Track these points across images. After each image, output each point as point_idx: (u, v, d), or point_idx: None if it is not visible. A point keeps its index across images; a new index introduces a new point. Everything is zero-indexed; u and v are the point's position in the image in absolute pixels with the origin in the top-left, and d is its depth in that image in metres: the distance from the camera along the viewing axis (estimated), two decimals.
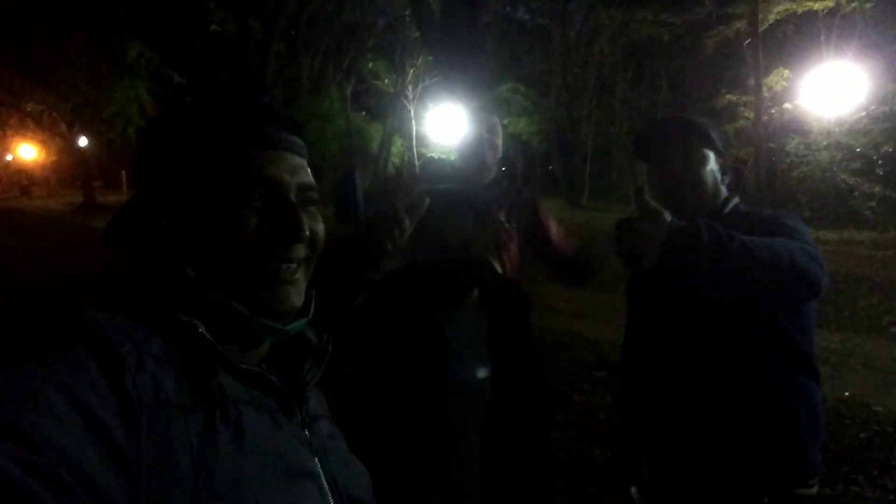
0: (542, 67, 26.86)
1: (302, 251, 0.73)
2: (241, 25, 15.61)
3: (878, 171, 13.72)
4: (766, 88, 15.82)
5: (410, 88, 24.63)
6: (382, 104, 27.22)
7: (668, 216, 1.26)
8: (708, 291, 1.39)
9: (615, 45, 24.10)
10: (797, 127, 15.09)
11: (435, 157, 23.09)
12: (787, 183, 15.24)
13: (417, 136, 24.03)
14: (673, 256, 1.24)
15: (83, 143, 29.42)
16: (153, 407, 0.55)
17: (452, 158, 2.95)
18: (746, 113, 16.86)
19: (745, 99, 17.09)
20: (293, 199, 0.72)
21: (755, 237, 1.30)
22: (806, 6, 15.25)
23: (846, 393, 4.45)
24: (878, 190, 13.49)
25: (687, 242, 1.23)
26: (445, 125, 15.42)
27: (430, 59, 18.81)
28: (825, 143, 14.32)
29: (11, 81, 26.08)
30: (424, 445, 1.43)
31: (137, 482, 0.51)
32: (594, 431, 3.95)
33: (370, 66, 25.57)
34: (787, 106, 15.48)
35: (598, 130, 26.05)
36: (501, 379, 1.52)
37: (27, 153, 38.00)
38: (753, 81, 15.92)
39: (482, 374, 1.51)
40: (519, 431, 1.55)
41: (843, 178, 14.05)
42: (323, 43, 23.49)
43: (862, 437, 3.72)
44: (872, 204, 13.41)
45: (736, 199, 1.66)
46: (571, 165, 24.82)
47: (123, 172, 37.32)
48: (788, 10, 15.58)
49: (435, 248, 1.49)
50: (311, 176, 0.76)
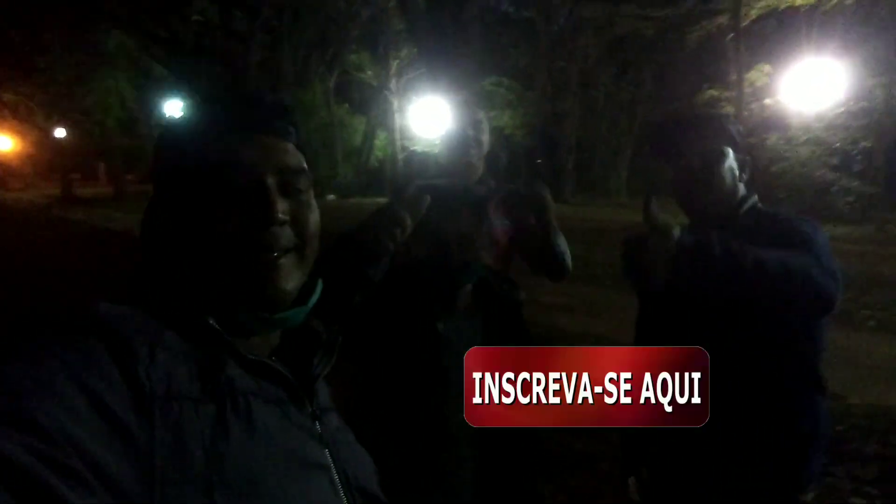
0: (526, 61, 26.88)
1: (283, 237, 0.70)
2: (223, 16, 15.47)
3: (855, 166, 13.93)
4: (747, 84, 15.96)
5: (394, 81, 24.53)
6: (366, 97, 27.11)
7: (677, 231, 1.19)
8: (717, 302, 1.34)
9: (599, 39, 24.20)
10: (777, 122, 15.25)
11: (419, 150, 23.14)
12: (766, 177, 15.41)
13: (401, 128, 23.98)
14: (683, 274, 1.18)
15: (60, 134, 28.98)
16: (166, 398, 0.56)
17: (437, 152, 2.89)
18: (728, 108, 16.99)
19: (726, 94, 17.24)
20: (270, 181, 0.70)
21: (770, 251, 1.24)
22: (787, 2, 15.41)
23: None
24: (855, 185, 13.73)
25: (697, 259, 1.17)
26: (429, 118, 15.39)
27: (414, 51, 18.74)
28: (804, 138, 14.49)
29: None
30: (420, 442, 1.42)
31: (151, 473, 0.52)
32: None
33: (354, 58, 25.44)
34: (767, 101, 15.64)
35: (581, 124, 26.16)
36: None
37: (3, 144, 37.31)
38: (735, 76, 16.05)
39: None
40: (514, 429, 1.55)
41: (821, 173, 14.23)
42: (306, 34, 23.33)
43: (839, 429, 3.77)
44: (850, 199, 13.63)
45: (754, 198, 1.58)
46: (555, 159, 24.90)
47: (102, 165, 36.87)
48: (770, 5, 15.73)
49: (431, 245, 1.48)
50: (297, 159, 0.74)
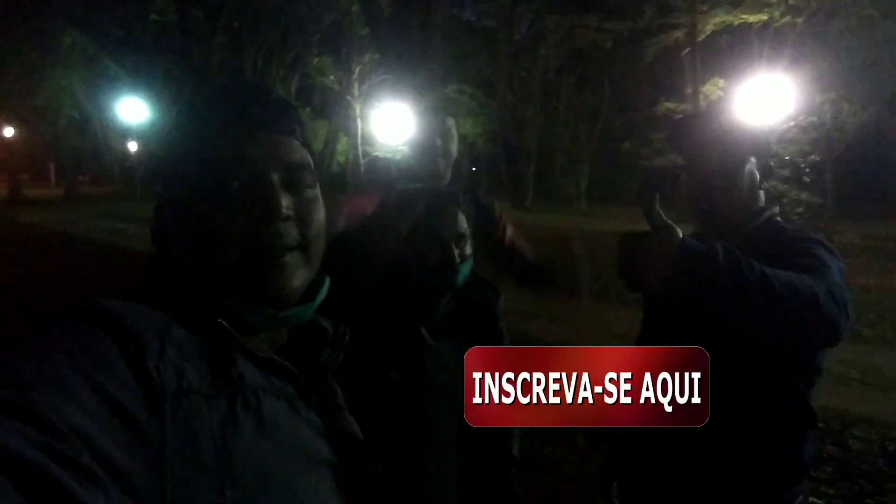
0: (488, 70, 27.10)
1: (287, 235, 0.70)
2: (183, 15, 15.20)
3: (804, 178, 14.41)
4: (702, 97, 16.42)
5: (356, 86, 24.44)
6: (327, 101, 26.93)
7: (679, 233, 1.08)
8: (717, 322, 1.18)
9: (560, 49, 24.56)
10: None
11: (380, 155, 23.08)
12: None
13: (363, 134, 23.88)
14: (683, 280, 1.06)
15: (9, 133, 28.12)
16: (176, 394, 0.55)
17: (399, 157, 2.89)
18: None
19: (682, 107, 17.68)
20: (274, 178, 0.70)
21: (780, 270, 1.13)
22: (741, 19, 15.95)
23: None
24: (805, 196, 14.19)
25: (700, 265, 1.06)
26: (392, 123, 15.37)
27: (377, 56, 18.71)
28: None
29: None
30: (402, 444, 1.42)
31: (161, 469, 0.51)
32: (545, 430, 3.98)
33: (315, 62, 25.26)
34: None
35: (542, 133, 26.48)
36: None
37: None
38: (691, 89, 16.49)
39: (459, 372, 1.51)
40: (496, 431, 1.56)
41: (772, 184, 14.65)
42: (268, 37, 23.08)
43: None
44: (800, 210, 14.08)
45: (774, 210, 1.50)
46: (516, 167, 25.14)
47: (52, 165, 35.77)
48: (725, 21, 16.26)
49: (413, 248, 1.48)
50: (303, 156, 0.74)
